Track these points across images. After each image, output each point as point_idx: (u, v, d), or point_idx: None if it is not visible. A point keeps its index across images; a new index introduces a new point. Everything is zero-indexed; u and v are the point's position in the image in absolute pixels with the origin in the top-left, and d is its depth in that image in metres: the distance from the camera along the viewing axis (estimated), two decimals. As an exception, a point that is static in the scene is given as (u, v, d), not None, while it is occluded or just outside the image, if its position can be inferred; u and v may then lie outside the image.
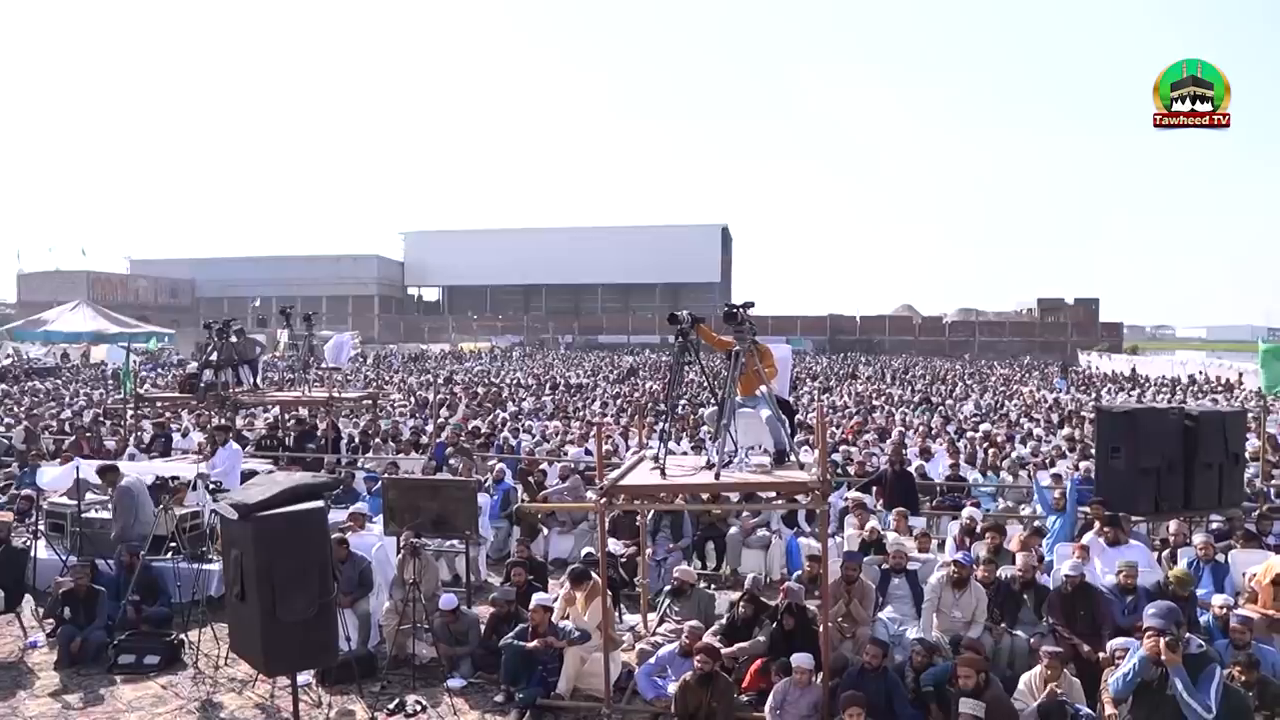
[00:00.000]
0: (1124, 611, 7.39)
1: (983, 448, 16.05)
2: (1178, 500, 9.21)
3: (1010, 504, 12.81)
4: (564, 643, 7.52)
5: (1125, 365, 48.74)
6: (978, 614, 7.60)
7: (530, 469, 13.26)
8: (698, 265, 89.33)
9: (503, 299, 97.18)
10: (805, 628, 7.33)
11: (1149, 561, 8.44)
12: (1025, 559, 8.18)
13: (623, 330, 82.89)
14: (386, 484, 10.14)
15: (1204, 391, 31.86)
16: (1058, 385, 37.07)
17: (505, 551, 11.08)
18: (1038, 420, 22.47)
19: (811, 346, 72.34)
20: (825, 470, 6.90)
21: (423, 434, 17.22)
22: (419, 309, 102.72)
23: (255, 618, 5.44)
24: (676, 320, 7.22)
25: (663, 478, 7.09)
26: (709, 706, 6.60)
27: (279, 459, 14.08)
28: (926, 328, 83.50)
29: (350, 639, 7.96)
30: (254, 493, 5.70)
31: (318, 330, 18.13)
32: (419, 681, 7.79)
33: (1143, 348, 75.93)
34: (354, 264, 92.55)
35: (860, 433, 18.48)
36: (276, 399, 17.23)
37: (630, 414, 21.35)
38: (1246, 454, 10.97)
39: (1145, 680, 5.32)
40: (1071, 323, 79.55)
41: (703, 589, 8.98)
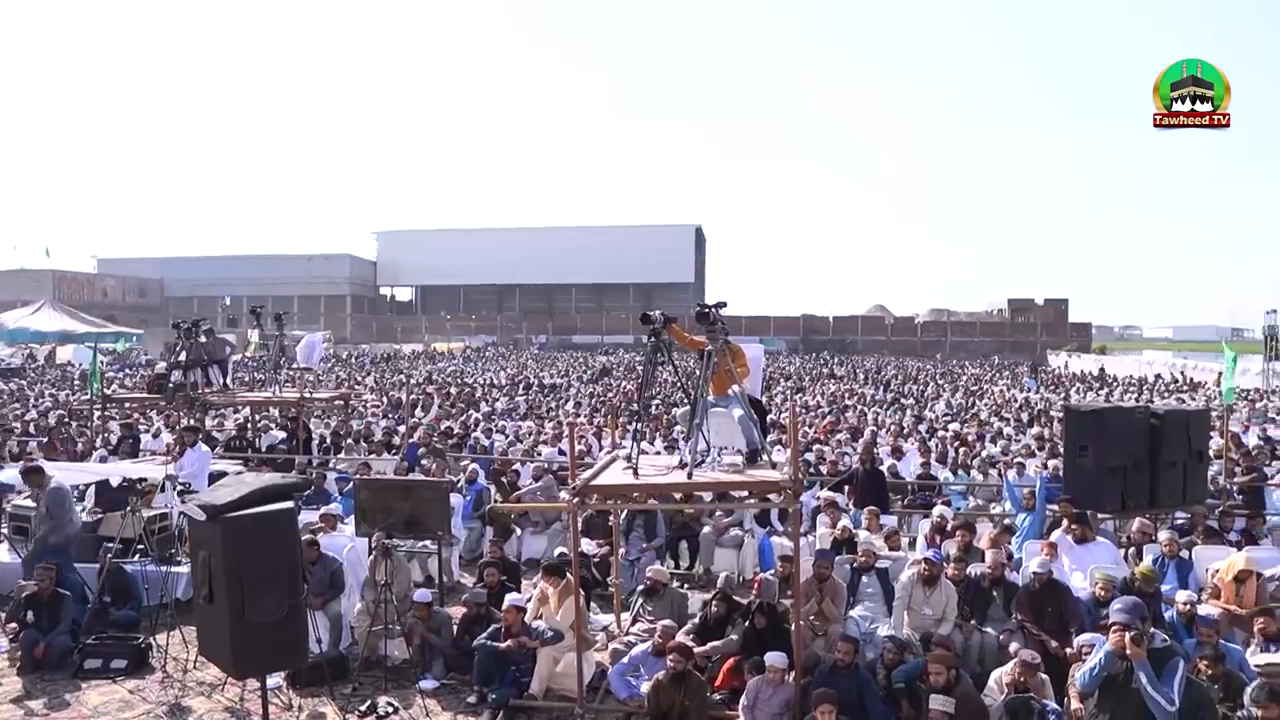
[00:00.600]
0: (1089, 609, 7.49)
1: (953, 447, 16.20)
2: (1143, 498, 9.34)
3: (980, 502, 12.93)
4: (537, 643, 7.51)
5: (1094, 365, 49.35)
6: (948, 611, 7.67)
7: (503, 469, 13.23)
8: (672, 265, 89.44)
9: (476, 299, 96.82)
10: (777, 626, 7.36)
11: (1116, 558, 8.57)
12: (994, 556, 8.26)
13: (597, 330, 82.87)
14: (358, 485, 10.08)
15: (1170, 391, 32.31)
16: (1027, 385, 37.45)
17: (478, 552, 11.05)
18: (1008, 419, 22.70)
19: (785, 346, 72.68)
20: (797, 469, 6.93)
21: (395, 434, 17.13)
22: (392, 309, 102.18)
23: (224, 620, 5.38)
24: (649, 320, 7.23)
25: (635, 477, 7.08)
26: (682, 705, 6.62)
27: (249, 460, 13.95)
28: (899, 328, 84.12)
29: (321, 641, 7.89)
30: (222, 494, 5.65)
31: (289, 330, 17.94)
32: (391, 683, 7.74)
33: (1111, 348, 76.88)
34: (326, 263, 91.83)
35: (833, 432, 18.59)
36: (247, 399, 17.07)
37: (604, 414, 21.34)
38: (1210, 452, 11.13)
39: (1111, 674, 5.38)
40: (1041, 323, 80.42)
41: (675, 588, 9.00)
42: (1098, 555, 8.50)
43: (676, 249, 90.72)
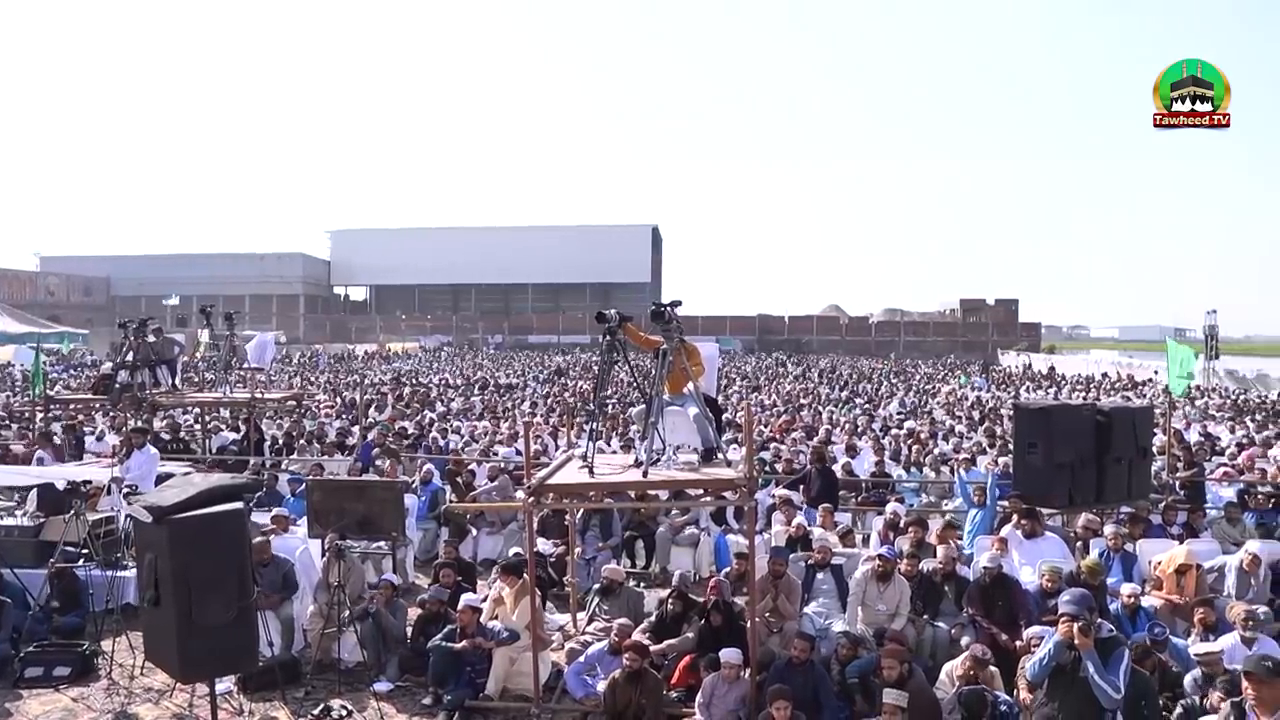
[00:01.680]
0: (1037, 602, 7.63)
1: (907, 444, 16.39)
2: (1090, 493, 9.49)
3: (933, 499, 13.10)
4: (492, 643, 7.49)
5: (1043, 364, 50.25)
6: (901, 606, 7.77)
7: (458, 469, 13.14)
8: (628, 265, 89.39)
9: (431, 299, 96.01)
10: (733, 623, 7.40)
11: (1064, 553, 8.72)
12: (945, 552, 8.39)
13: (553, 330, 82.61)
14: (311, 486, 9.96)
15: (1115, 389, 32.99)
16: (977, 384, 38.01)
17: (433, 553, 10.97)
18: (960, 418, 23.03)
19: (740, 346, 73.05)
20: (751, 467, 6.97)
21: (349, 435, 16.94)
22: (346, 308, 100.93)
23: (170, 623, 5.27)
24: (604, 319, 7.22)
25: (591, 476, 7.08)
26: (638, 704, 6.64)
27: (199, 461, 13.71)
28: (853, 328, 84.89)
29: (273, 644, 7.80)
30: (169, 494, 5.54)
31: (240, 330, 17.62)
32: (344, 686, 7.66)
33: (1059, 347, 78.33)
34: (278, 262, 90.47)
35: (788, 431, 18.72)
36: (197, 400, 16.77)
37: (559, 414, 21.29)
38: (1154, 448, 11.38)
39: (1059, 664, 5.49)
40: (992, 323, 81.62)
41: (631, 587, 9.02)
42: (1046, 550, 8.65)
43: (633, 249, 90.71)
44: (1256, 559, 8.20)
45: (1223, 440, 18.32)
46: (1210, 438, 18.39)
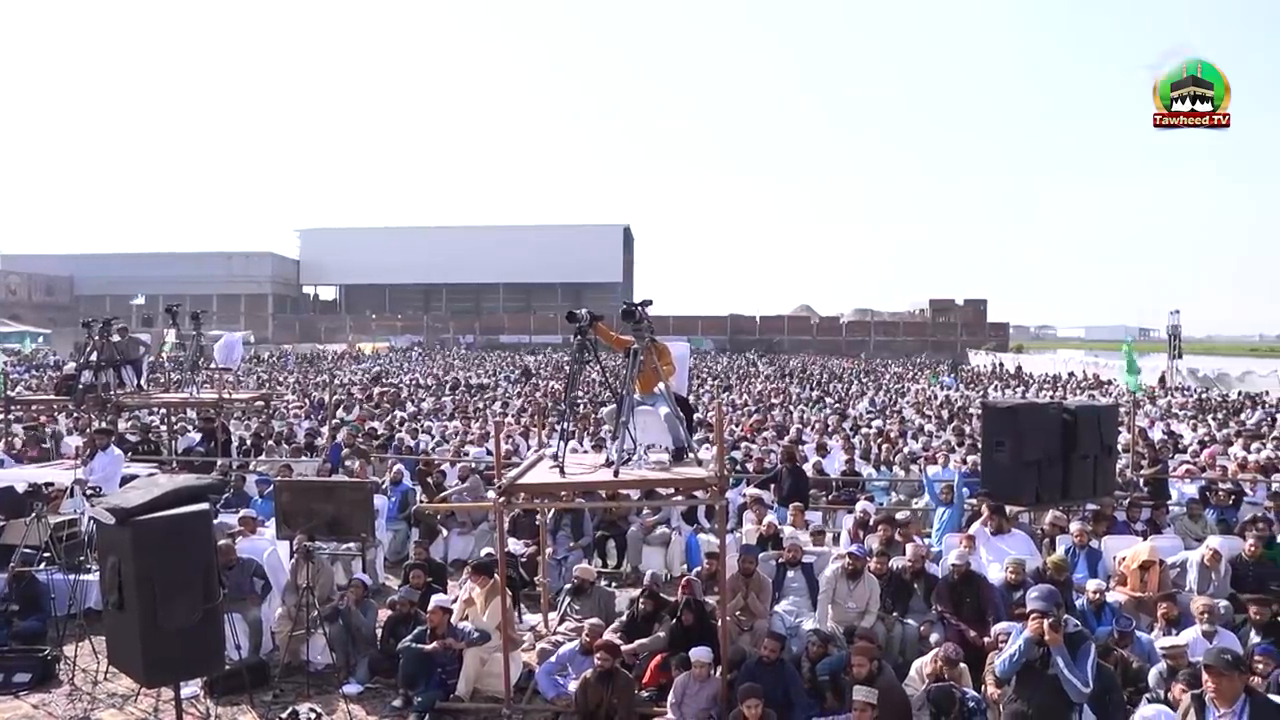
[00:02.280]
0: (1003, 596, 7.71)
1: (877, 443, 16.48)
2: (1056, 490, 9.62)
3: (903, 497, 13.19)
4: (463, 644, 7.45)
5: (1011, 363, 50.79)
6: (871, 604, 7.82)
7: (429, 470, 13.07)
8: (600, 265, 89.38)
9: (402, 298, 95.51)
10: (704, 622, 7.42)
11: (1030, 549, 8.82)
12: (915, 549, 8.45)
13: (524, 330, 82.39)
14: (279, 487, 9.86)
15: (1082, 388, 33.40)
16: (946, 383, 38.34)
17: (404, 554, 10.91)
18: (929, 416, 23.21)
19: (712, 346, 73.25)
20: (722, 466, 6.99)
21: (318, 436, 16.79)
22: (315, 308, 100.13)
23: (134, 626, 5.19)
24: (575, 318, 7.21)
25: (562, 476, 7.07)
26: (610, 703, 6.63)
27: (165, 462, 13.54)
28: (824, 328, 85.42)
29: (240, 647, 7.72)
30: (133, 496, 5.45)
31: (207, 330, 17.41)
32: (313, 689, 7.60)
33: (1027, 347, 79.22)
34: (246, 262, 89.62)
35: (759, 430, 18.78)
36: (163, 401, 16.55)
37: (531, 414, 21.24)
38: (1119, 446, 11.55)
39: (1028, 660, 5.55)
40: (961, 323, 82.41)
41: (603, 587, 9.01)
42: (1013, 546, 8.73)
43: (604, 249, 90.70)
44: (1217, 554, 8.33)
45: (1185, 438, 18.61)
46: (1173, 436, 18.67)
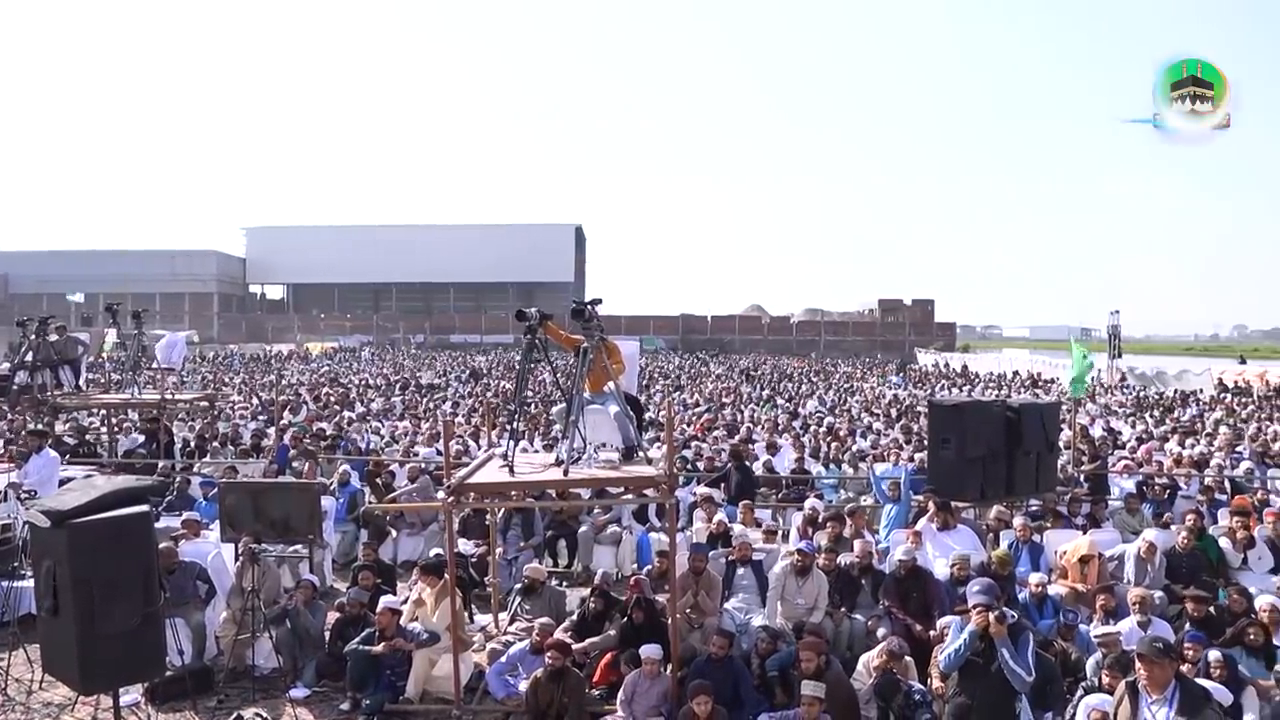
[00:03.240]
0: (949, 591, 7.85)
1: (826, 442, 16.66)
2: (1000, 486, 9.83)
3: (852, 494, 13.34)
4: (412, 645, 7.39)
5: (958, 362, 51.61)
6: (820, 600, 7.90)
7: (378, 470, 12.94)
8: (552, 265, 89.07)
9: (351, 298, 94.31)
10: (654, 620, 7.44)
11: (975, 544, 8.99)
12: (862, 545, 8.56)
13: (476, 330, 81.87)
14: (224, 488, 9.68)
15: (1025, 387, 34.04)
16: (894, 381, 38.85)
17: (352, 556, 10.79)
18: (877, 415, 23.50)
19: (664, 345, 73.41)
20: (672, 465, 7.01)
21: (264, 436, 16.52)
22: (262, 307, 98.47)
23: (70, 632, 5.06)
24: (524, 317, 7.19)
25: (512, 475, 7.04)
26: (560, 702, 6.62)
27: (103, 465, 13.23)
28: (775, 327, 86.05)
29: (183, 652, 7.58)
30: (69, 498, 5.32)
31: (149, 329, 17.04)
32: (259, 693, 7.48)
33: (973, 346, 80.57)
34: (191, 260, 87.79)
35: (710, 429, 18.88)
36: (102, 401, 16.16)
37: (481, 414, 21.14)
38: (1060, 443, 11.80)
39: (971, 653, 5.66)
40: (909, 322, 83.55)
41: (553, 586, 9.00)
42: (959, 541, 8.89)
43: (556, 248, 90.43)
44: (1153, 546, 8.57)
45: (1124, 435, 19.10)
46: (1113, 432, 19.15)
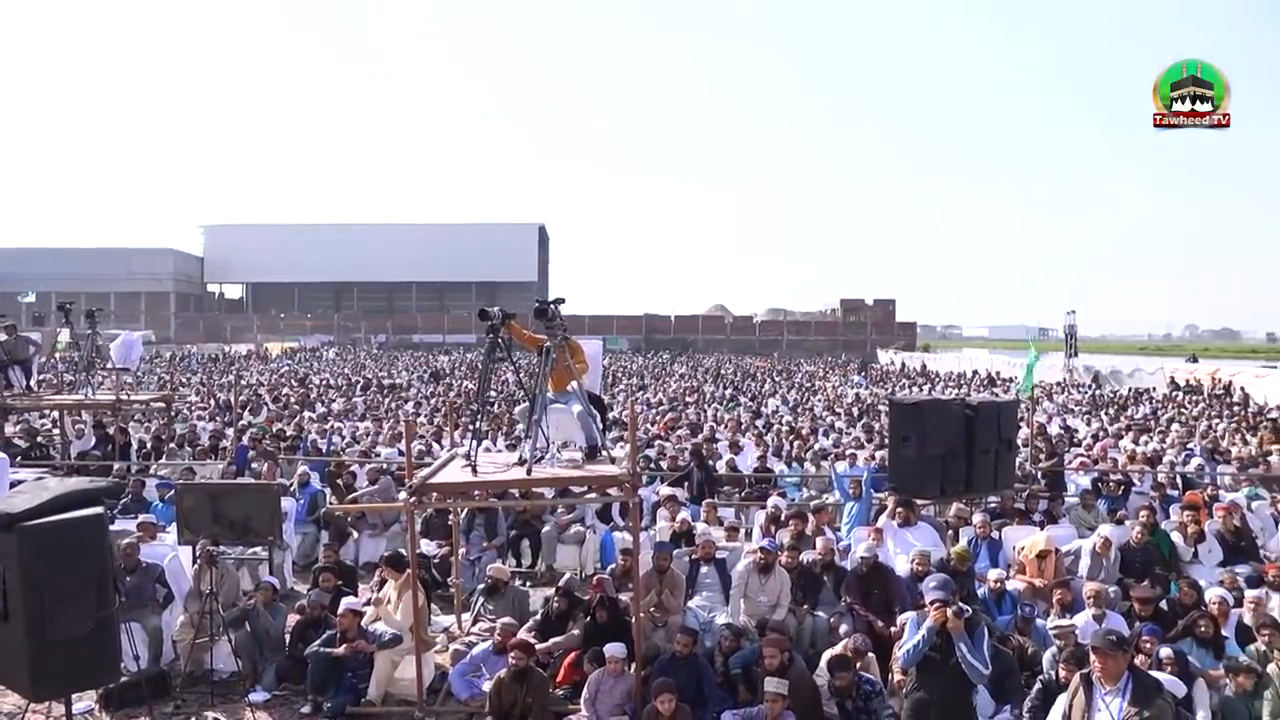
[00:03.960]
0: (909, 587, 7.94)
1: (788, 440, 16.76)
2: (960, 483, 9.95)
3: (814, 493, 13.43)
4: (374, 647, 7.33)
5: (920, 362, 52.19)
6: (782, 597, 7.96)
7: (339, 471, 12.82)
8: (514, 264, 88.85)
9: (312, 297, 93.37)
10: (618, 619, 7.44)
11: (935, 540, 9.10)
12: (824, 543, 8.64)
13: (438, 330, 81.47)
14: (181, 490, 9.53)
15: (984, 385, 34.49)
16: (856, 380, 39.18)
17: (313, 558, 10.67)
18: (839, 414, 23.69)
19: (627, 345, 73.47)
20: (635, 464, 7.02)
21: (223, 437, 16.30)
22: (220, 307, 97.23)
23: (20, 638, 4.94)
24: (487, 317, 7.16)
25: (475, 475, 7.01)
26: (524, 703, 6.60)
27: (55, 467, 12.98)
28: (738, 327, 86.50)
29: (139, 657, 7.43)
30: (19, 501, 5.20)
31: (104, 328, 16.72)
32: (218, 698, 7.38)
33: (934, 346, 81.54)
34: (147, 259, 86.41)
35: (673, 428, 18.92)
36: (55, 403, 15.85)
37: (444, 414, 21.01)
38: (1018, 441, 11.98)
39: (929, 648, 5.73)
40: (871, 322, 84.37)
41: (517, 586, 8.97)
42: (920, 538, 8.99)
43: (519, 248, 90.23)
44: (1108, 542, 8.73)
45: (1080, 432, 19.42)
46: (1069, 430, 19.46)
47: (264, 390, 29.72)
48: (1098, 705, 4.85)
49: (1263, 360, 43.36)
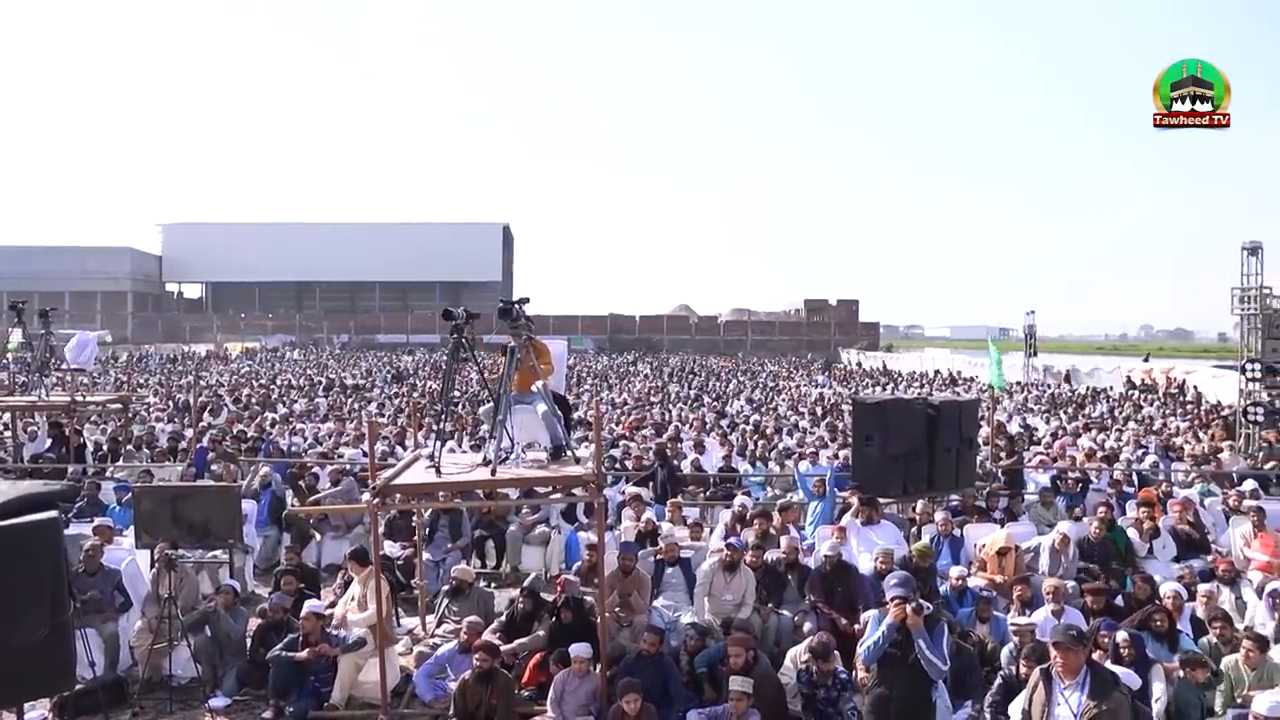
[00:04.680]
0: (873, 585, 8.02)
1: (753, 440, 16.84)
2: (922, 482, 10.06)
3: (779, 492, 13.51)
4: (338, 650, 7.27)
5: (880, 362, 52.66)
6: (747, 596, 8.00)
7: (301, 472, 12.68)
8: (479, 264, 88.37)
9: (273, 297, 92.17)
10: (583, 619, 7.44)
11: (898, 538, 9.19)
12: (789, 542, 8.69)
13: (402, 330, 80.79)
14: (139, 493, 9.36)
15: (947, 385, 34.88)
16: (820, 380, 39.45)
17: (274, 561, 10.55)
18: (803, 413, 23.83)
19: (592, 345, 73.37)
20: (600, 464, 7.02)
21: (181, 439, 16.06)
22: (179, 307, 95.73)
23: (-28, 645, 4.85)
24: (451, 317, 7.12)
25: (439, 476, 6.97)
26: (489, 704, 6.57)
27: (7, 470, 12.71)
28: (702, 327, 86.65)
29: (95, 664, 7.31)
30: (-30, 506, 5.09)
31: (58, 328, 16.41)
32: (177, 704, 7.30)
33: (896, 346, 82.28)
34: (103, 257, 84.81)
35: (638, 428, 18.93)
36: (6, 404, 15.54)
37: (407, 414, 20.86)
38: (979, 439, 12.13)
39: (890, 644, 5.79)
40: (834, 322, 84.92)
41: (482, 587, 8.94)
42: (883, 536, 9.07)
43: (483, 247, 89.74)
44: (1066, 538, 8.88)
45: (1039, 431, 19.71)
46: (1028, 429, 19.74)
47: (224, 391, 29.31)
48: (1057, 699, 4.93)
49: (1214, 359, 44.20)
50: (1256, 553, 9.20)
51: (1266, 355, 16.77)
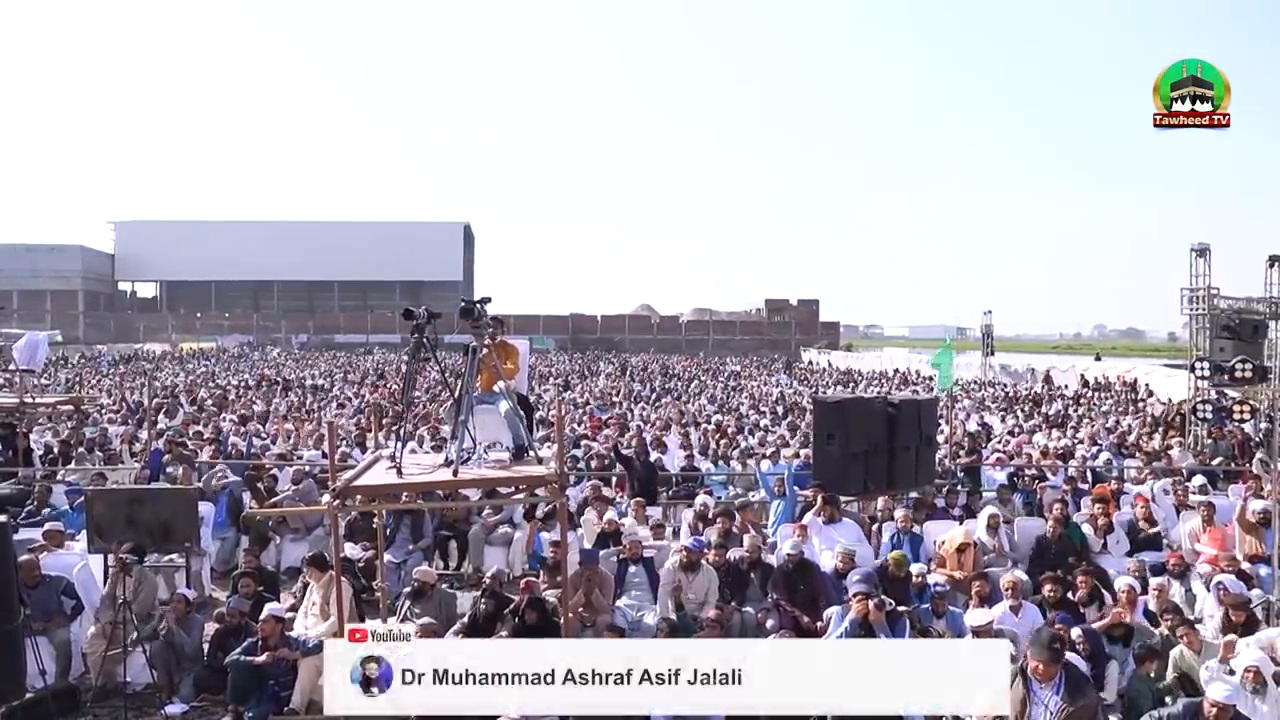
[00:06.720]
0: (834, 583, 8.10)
1: (714, 439, 16.91)
2: (882, 480, 10.17)
3: (740, 491, 13.57)
4: (298, 654, 7.19)
5: (841, 361, 53.13)
6: (710, 595, 8.03)
7: (259, 474, 12.51)
8: (439, 263, 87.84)
9: (229, 296, 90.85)
10: (547, 620, 7.43)
11: (859, 536, 9.29)
12: (751, 540, 8.74)
13: (361, 329, 80.00)
14: (91, 496, 9.20)
15: (906, 384, 35.26)
16: (781, 380, 39.70)
17: (233, 563, 10.43)
18: (765, 413, 23.97)
19: (554, 345, 73.21)
20: (562, 464, 7.01)
21: (135, 441, 15.79)
22: (133, 306, 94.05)
23: (-80, 653, 4.74)
24: (412, 316, 7.06)
25: (400, 477, 6.91)
26: (451, 706, 6.53)
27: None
28: (664, 327, 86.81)
29: (46, 672, 7.17)
30: (-81, 510, 4.98)
31: (6, 328, 16.05)
32: (132, 712, 7.17)
33: (856, 345, 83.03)
34: (53, 255, 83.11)
35: (600, 428, 18.94)
36: (-46, 406, 15.17)
37: (368, 415, 20.67)
38: (938, 437, 12.29)
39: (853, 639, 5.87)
40: (795, 322, 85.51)
41: (444, 589, 8.88)
42: (844, 534, 9.16)
43: (444, 247, 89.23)
44: (996, 516, 9.28)
45: (996, 429, 20.02)
46: (986, 427, 20.05)
47: (180, 392, 28.85)
48: (1036, 696, 5.07)
49: (1165, 358, 45.18)
50: (1205, 546, 9.43)
51: (1214, 355, 17.16)
